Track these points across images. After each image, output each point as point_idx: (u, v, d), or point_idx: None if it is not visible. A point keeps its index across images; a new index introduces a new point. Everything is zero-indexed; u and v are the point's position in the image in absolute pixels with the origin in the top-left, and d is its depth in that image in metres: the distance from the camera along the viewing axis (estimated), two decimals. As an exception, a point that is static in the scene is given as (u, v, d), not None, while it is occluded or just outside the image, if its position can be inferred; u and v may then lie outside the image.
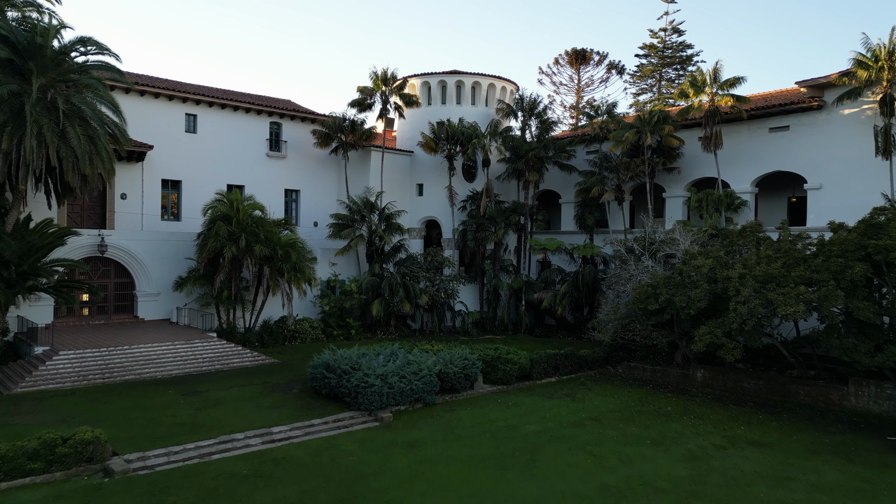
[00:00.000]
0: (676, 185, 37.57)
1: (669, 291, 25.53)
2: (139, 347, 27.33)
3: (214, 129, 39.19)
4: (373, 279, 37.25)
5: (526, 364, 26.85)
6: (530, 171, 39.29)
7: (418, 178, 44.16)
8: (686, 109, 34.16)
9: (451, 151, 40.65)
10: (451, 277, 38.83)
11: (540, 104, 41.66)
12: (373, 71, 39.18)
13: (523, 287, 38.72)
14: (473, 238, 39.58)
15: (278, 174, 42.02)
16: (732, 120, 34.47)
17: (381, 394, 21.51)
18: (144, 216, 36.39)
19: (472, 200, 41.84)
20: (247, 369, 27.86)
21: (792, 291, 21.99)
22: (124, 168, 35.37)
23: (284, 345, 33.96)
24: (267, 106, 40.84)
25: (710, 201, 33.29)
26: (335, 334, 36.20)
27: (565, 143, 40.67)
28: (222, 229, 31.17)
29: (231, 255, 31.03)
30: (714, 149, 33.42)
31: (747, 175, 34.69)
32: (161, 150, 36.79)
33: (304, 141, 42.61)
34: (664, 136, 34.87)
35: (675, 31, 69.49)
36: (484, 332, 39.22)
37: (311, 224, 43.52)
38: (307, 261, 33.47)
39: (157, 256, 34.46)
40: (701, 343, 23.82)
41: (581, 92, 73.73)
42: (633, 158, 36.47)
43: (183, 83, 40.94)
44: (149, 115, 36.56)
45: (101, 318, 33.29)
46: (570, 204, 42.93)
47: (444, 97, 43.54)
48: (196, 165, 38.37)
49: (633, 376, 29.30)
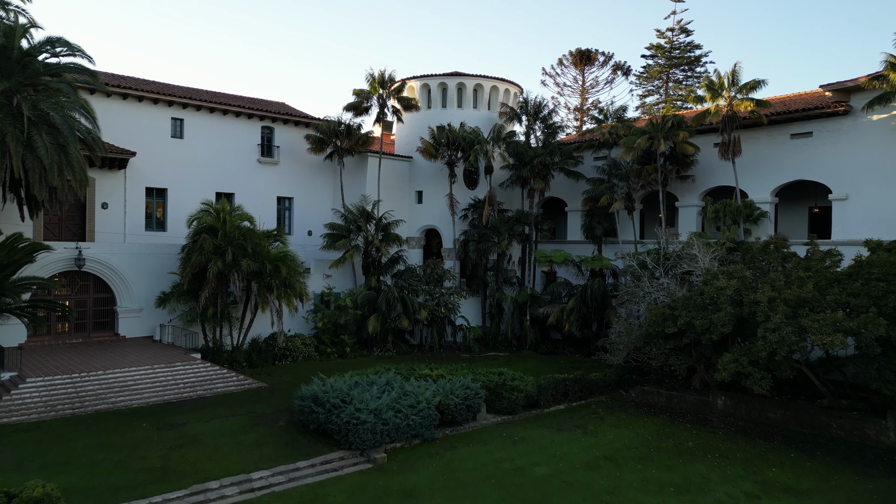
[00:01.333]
0: (690, 193, 35.51)
1: (689, 314, 23.48)
2: (115, 372, 25.30)
3: (202, 134, 37.18)
4: (369, 293, 35.22)
5: (533, 391, 24.81)
6: (535, 179, 37.24)
7: (417, 185, 42.13)
8: (702, 114, 32.11)
9: (452, 158, 38.61)
10: (451, 291, 36.79)
11: (545, 107, 39.66)
12: (369, 73, 37.19)
13: (528, 301, 36.67)
14: (475, 249, 37.53)
15: (270, 181, 40.01)
16: (751, 125, 32.44)
17: (374, 431, 19.47)
18: (127, 227, 34.36)
19: (474, 209, 39.81)
20: (231, 395, 25.83)
21: (828, 318, 19.93)
22: (105, 176, 33.38)
23: (275, 364, 31.92)
24: (258, 109, 38.82)
25: (728, 212, 31.22)
26: (329, 352, 34.16)
27: (572, 148, 38.63)
28: (207, 243, 29.15)
29: (216, 270, 29.02)
30: (732, 156, 31.37)
31: (767, 184, 32.62)
32: (145, 157, 34.79)
33: (298, 146, 40.61)
34: (678, 143, 32.82)
35: (683, 30, 67.44)
36: (486, 347, 37.17)
37: (304, 233, 41.54)
38: (299, 275, 31.43)
39: (139, 270, 32.46)
40: (725, 372, 21.76)
41: (586, 93, 71.74)
42: (645, 166, 34.43)
43: (170, 85, 38.93)
44: (132, 120, 34.56)
45: (80, 336, 31.28)
46: (577, 212, 40.88)
47: (444, 100, 41.51)
48: (183, 172, 36.35)
49: (647, 402, 27.25)
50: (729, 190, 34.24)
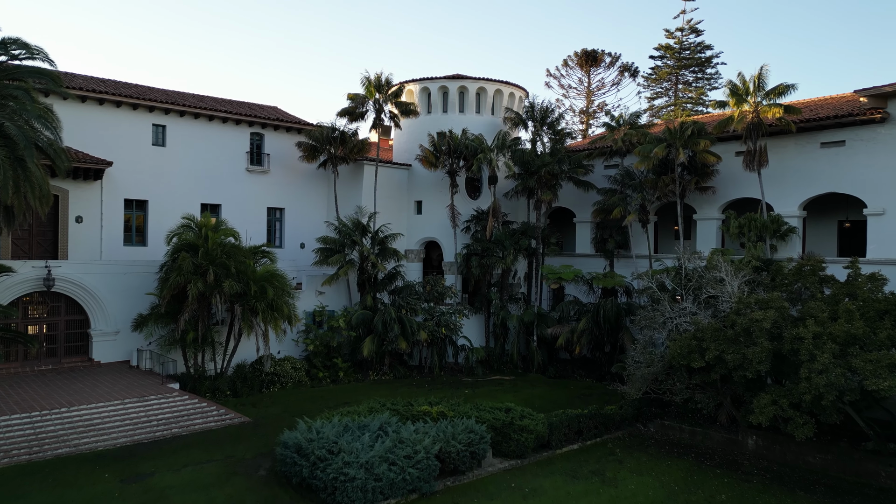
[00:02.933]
0: (710, 206, 33.03)
1: (719, 347, 21.02)
2: (81, 410, 22.84)
3: (186, 141, 34.75)
4: (364, 313, 32.77)
5: (544, 431, 22.34)
6: (543, 190, 34.76)
7: (417, 195, 39.69)
8: (725, 121, 29.64)
9: (454, 167, 36.16)
10: (453, 310, 34.34)
11: (553, 112, 37.18)
12: (364, 76, 34.76)
13: (535, 321, 34.20)
14: (478, 265, 35.06)
15: (260, 191, 37.58)
16: (777, 133, 30.00)
17: (364, 489, 17.02)
18: (104, 241, 31.93)
19: (477, 221, 37.35)
20: (210, 434, 23.35)
21: (883, 358, 17.48)
22: (79, 188, 30.97)
23: (262, 392, 29.49)
24: (247, 115, 36.38)
25: (754, 227, 28.73)
26: (321, 376, 31.72)
27: (582, 156, 36.17)
28: (186, 262, 26.71)
29: (196, 292, 26.58)
30: (758, 167, 28.92)
31: (794, 197, 30.16)
32: (124, 167, 32.38)
33: (290, 154, 38.18)
34: (698, 152, 30.36)
35: (693, 30, 65.01)
36: (490, 370, 34.73)
37: (296, 246, 39.12)
38: (287, 295, 28.96)
39: (116, 289, 30.01)
40: (763, 416, 19.31)
41: (591, 96, 69.31)
42: (661, 176, 31.98)
43: (153, 88, 36.48)
44: (109, 127, 32.17)
45: (50, 362, 28.84)
46: (587, 224, 38.43)
47: (445, 105, 39.05)
48: (165, 183, 33.93)
49: (668, 439, 24.79)
50: (751, 203, 31.82)
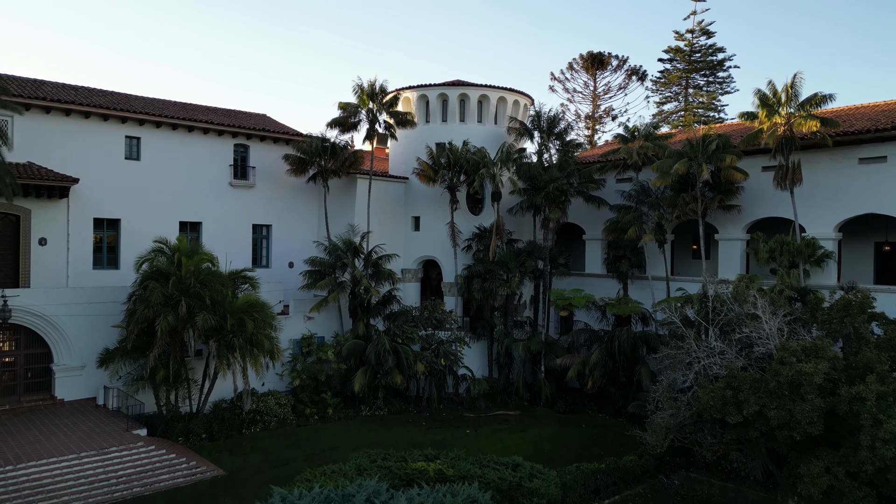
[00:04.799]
0: (733, 225, 30.28)
1: (759, 400, 18.23)
2: (29, 468, 20.05)
3: (163, 154, 31.99)
4: (355, 342, 30.00)
5: (557, 494, 19.51)
6: (551, 207, 31.96)
7: (414, 210, 36.90)
8: (753, 135, 26.88)
9: (454, 181, 33.37)
10: (453, 337, 31.56)
11: (561, 121, 34.42)
12: (357, 84, 31.97)
13: (543, 350, 31.41)
14: (481, 288, 32.26)
15: (245, 207, 34.82)
16: (810, 146, 27.27)
17: (347, 585, 14.22)
18: (71, 265, 29.16)
19: (479, 239, 34.55)
20: (177, 493, 20.59)
21: (964, 427, 14.70)
22: (43, 207, 28.21)
23: (242, 433, 26.71)
24: (230, 125, 33.60)
25: (786, 252, 25.95)
26: (308, 413, 28.93)
27: (593, 170, 33.39)
28: (155, 293, 23.96)
29: (167, 326, 23.84)
30: (791, 185, 26.16)
31: (829, 217, 27.45)
32: (94, 183, 29.63)
33: (277, 166, 35.40)
34: (724, 168, 27.59)
35: (704, 32, 62.27)
36: (494, 403, 31.90)
37: (284, 265, 36.36)
38: (269, 327, 26.20)
39: (82, 318, 27.22)
40: (815, 487, 16.54)
41: (597, 100, 66.56)
42: (681, 193, 29.23)
43: (128, 96, 33.69)
44: (77, 140, 29.44)
45: (8, 401, 26.03)
46: (597, 242, 35.67)
47: (444, 113, 36.27)
48: (140, 200, 31.17)
49: (696, 495, 22.00)
50: (779, 222, 29.12)
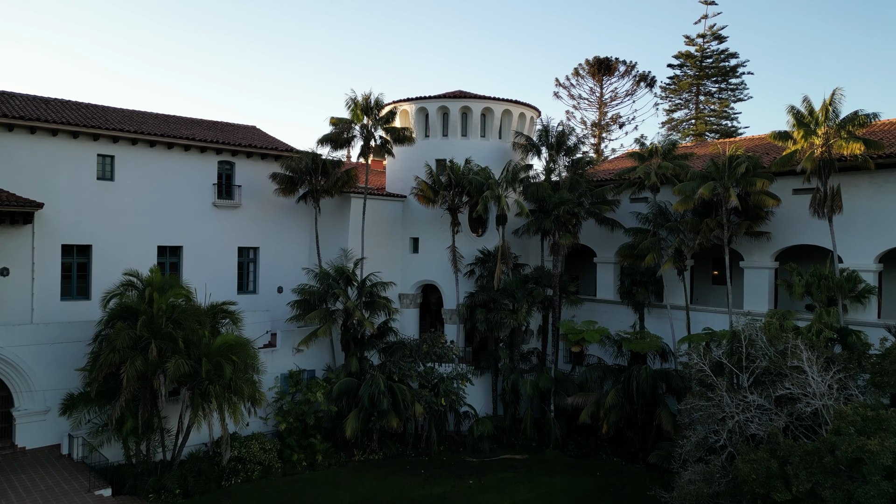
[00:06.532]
0: (761, 252, 27.72)
1: (812, 477, 15.67)
2: (-32, 545, 17.58)
3: (140, 173, 29.48)
4: (347, 381, 27.46)
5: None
6: (561, 232, 29.38)
7: (413, 230, 34.35)
8: (787, 157, 24.30)
9: (456, 202, 30.80)
10: (455, 375, 28.99)
11: (571, 137, 31.86)
12: (350, 97, 29.44)
13: (553, 388, 28.83)
14: (484, 320, 29.67)
15: (229, 228, 32.30)
16: (848, 168, 24.72)
17: None
18: (37, 297, 26.68)
19: (483, 264, 31.98)
20: (140, 572, 18.08)
21: None
22: (5, 234, 25.74)
23: (221, 486, 24.09)
24: (214, 141, 31.03)
25: (824, 287, 23.34)
26: (295, 459, 26.35)
27: (607, 190, 30.78)
28: (122, 335, 21.42)
29: (134, 373, 21.30)
30: (830, 213, 23.58)
31: (869, 247, 24.90)
32: (62, 206, 27.18)
33: (266, 184, 32.85)
34: (754, 193, 25.01)
35: (716, 37, 59.79)
36: (499, 444, 29.26)
37: (273, 290, 33.85)
38: (252, 369, 23.64)
39: (47, 357, 24.77)
40: (883, 589, 13.95)
41: (604, 107, 63.97)
42: (705, 219, 26.66)
43: (105, 108, 31.19)
44: (43, 160, 26.98)
45: (-38, 451, 23.59)
46: (610, 265, 33.12)
47: (445, 127, 33.70)
48: (113, 224, 28.69)
49: (729, 570, 19.41)
50: (811, 249, 26.58)
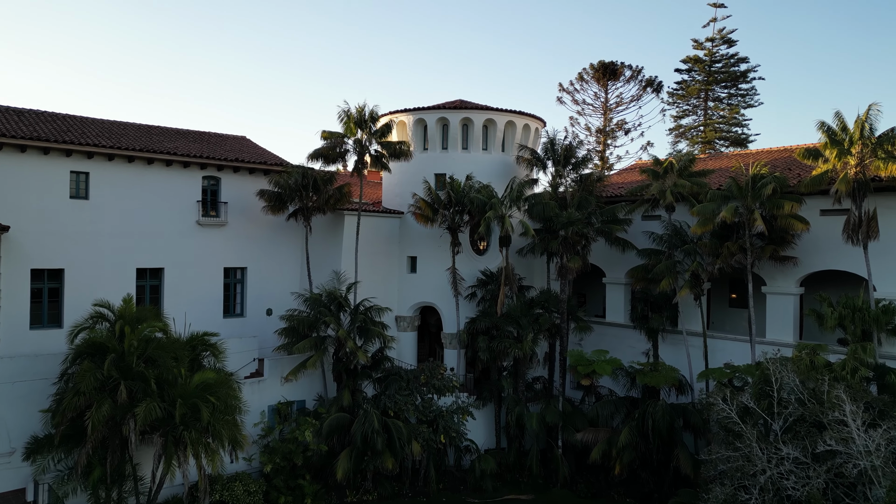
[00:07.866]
0: (785, 278, 25.70)
1: (864, 557, 13.65)
2: None
3: (117, 191, 27.40)
4: (339, 417, 25.45)
5: None
6: (569, 255, 27.36)
7: (410, 249, 32.35)
8: (818, 178, 22.27)
9: (456, 221, 28.79)
10: (455, 409, 26.97)
11: (579, 150, 29.88)
12: (343, 109, 27.46)
13: (560, 422, 26.81)
14: (487, 349, 27.65)
15: (215, 248, 30.21)
16: (882, 189, 22.73)
17: None
18: (2, 326, 24.45)
19: (485, 286, 29.96)
20: None
21: None
22: (-33, 259, 23.69)
23: (200, 535, 22.14)
24: (197, 155, 29.01)
25: (859, 320, 21.31)
26: (282, 502, 24.39)
27: (618, 209, 28.74)
28: (88, 377, 19.39)
29: (101, 419, 19.29)
30: (865, 240, 21.56)
31: (904, 273, 22.85)
32: (31, 228, 25.07)
33: (254, 200, 30.71)
34: (781, 217, 22.99)
35: (726, 41, 57.72)
36: (503, 482, 27.26)
37: (261, 312, 31.73)
38: (234, 409, 21.62)
39: (11, 394, 22.77)
40: None
41: (609, 113, 61.97)
42: (725, 242, 24.65)
43: (82, 119, 29.20)
44: (10, 179, 24.91)
45: (-84, 499, 21.59)
46: (620, 286, 31.12)
47: (445, 140, 31.71)
48: (88, 245, 26.59)
49: None
50: (840, 275, 24.57)
